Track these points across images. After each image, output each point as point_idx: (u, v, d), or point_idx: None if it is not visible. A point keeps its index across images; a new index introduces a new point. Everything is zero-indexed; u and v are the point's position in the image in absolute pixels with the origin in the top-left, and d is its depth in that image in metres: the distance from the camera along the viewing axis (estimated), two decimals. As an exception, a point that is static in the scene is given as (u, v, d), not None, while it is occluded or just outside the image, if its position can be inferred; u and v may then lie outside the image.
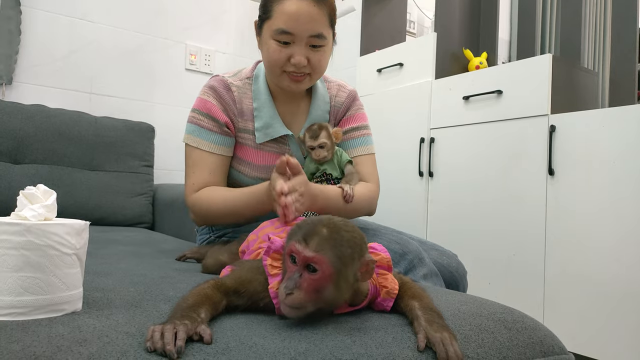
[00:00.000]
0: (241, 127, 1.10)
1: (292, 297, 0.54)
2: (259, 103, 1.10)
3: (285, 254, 0.58)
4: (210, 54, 2.59)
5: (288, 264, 0.57)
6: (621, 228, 1.46)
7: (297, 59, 1.00)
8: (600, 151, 1.53)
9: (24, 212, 0.55)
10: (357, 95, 1.21)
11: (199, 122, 1.08)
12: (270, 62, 1.03)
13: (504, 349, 0.63)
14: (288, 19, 0.97)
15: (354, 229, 0.59)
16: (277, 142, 1.11)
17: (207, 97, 1.09)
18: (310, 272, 0.55)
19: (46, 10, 2.13)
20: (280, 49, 1.00)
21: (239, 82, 1.11)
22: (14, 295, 0.53)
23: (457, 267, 1.15)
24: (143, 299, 0.67)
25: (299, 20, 0.97)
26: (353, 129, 1.16)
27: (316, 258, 0.55)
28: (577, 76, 1.88)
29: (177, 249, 1.34)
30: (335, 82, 1.20)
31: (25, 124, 1.85)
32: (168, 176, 2.40)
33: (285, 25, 0.97)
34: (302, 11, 0.97)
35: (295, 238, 0.57)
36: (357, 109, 1.19)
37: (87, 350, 0.47)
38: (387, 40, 2.54)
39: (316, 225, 0.57)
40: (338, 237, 0.56)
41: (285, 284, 0.55)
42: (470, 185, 1.90)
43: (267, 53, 1.03)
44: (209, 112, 1.08)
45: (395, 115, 2.21)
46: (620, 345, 1.44)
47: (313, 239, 0.56)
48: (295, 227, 0.60)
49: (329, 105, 1.17)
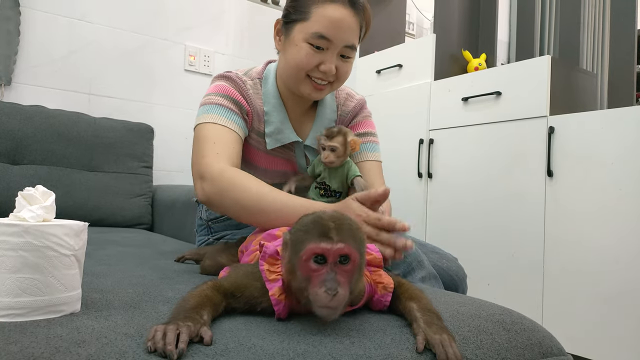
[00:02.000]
0: (255, 127, 1.06)
1: (337, 297, 0.53)
2: (270, 107, 1.06)
3: (300, 261, 0.55)
4: (209, 55, 2.59)
5: (311, 267, 0.54)
6: (620, 229, 1.46)
7: (327, 66, 0.97)
8: (598, 152, 1.53)
9: (23, 213, 0.55)
10: (365, 104, 1.19)
11: (217, 102, 0.99)
12: (298, 65, 0.98)
13: (503, 351, 0.63)
14: (329, 25, 0.94)
15: (350, 218, 0.60)
16: (285, 148, 1.09)
17: (225, 82, 1.03)
18: (342, 264, 0.54)
19: (45, 10, 2.13)
20: (313, 53, 0.96)
21: (250, 80, 1.07)
22: (12, 297, 0.52)
23: (457, 271, 1.14)
24: (142, 300, 0.67)
25: (340, 27, 0.94)
26: (359, 134, 1.14)
27: (347, 248, 0.54)
28: (576, 78, 1.88)
29: (176, 250, 1.34)
30: (344, 90, 1.18)
31: (24, 124, 1.84)
32: (167, 177, 2.40)
33: (326, 30, 0.94)
34: (345, 19, 0.94)
35: (313, 239, 0.54)
36: (364, 117, 1.17)
37: (85, 351, 0.47)
38: (386, 42, 2.55)
39: (324, 221, 0.56)
40: (348, 225, 0.57)
41: (325, 288, 0.53)
42: (470, 187, 1.90)
43: (296, 55, 0.97)
44: (228, 93, 1.01)
45: (394, 116, 2.22)
46: (619, 346, 1.44)
47: (335, 233, 0.55)
48: (299, 233, 0.57)
49: (336, 113, 1.15)
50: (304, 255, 0.54)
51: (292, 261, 0.56)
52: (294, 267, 0.56)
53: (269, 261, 0.61)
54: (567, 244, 1.58)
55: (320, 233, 0.55)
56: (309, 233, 0.55)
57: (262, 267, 0.61)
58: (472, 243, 1.86)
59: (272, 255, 0.61)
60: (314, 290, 0.54)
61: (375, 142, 1.17)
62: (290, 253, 0.57)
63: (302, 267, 0.55)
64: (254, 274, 0.62)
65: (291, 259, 0.56)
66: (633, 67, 2.15)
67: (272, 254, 0.61)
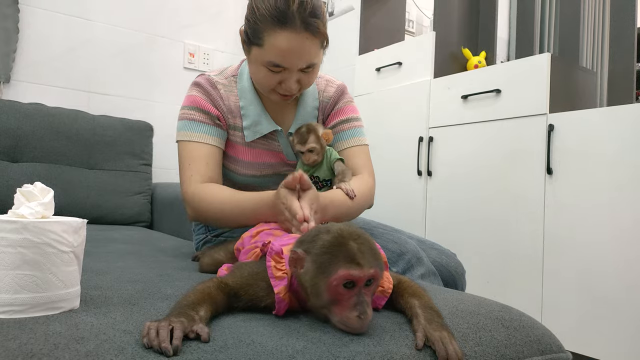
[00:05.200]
0: (231, 124, 1.09)
1: (368, 318, 0.56)
2: (245, 101, 1.09)
3: (328, 285, 0.55)
4: (208, 53, 2.59)
5: (339, 292, 0.55)
6: (619, 226, 1.46)
7: (288, 84, 0.98)
8: (598, 150, 1.53)
9: (21, 210, 0.55)
10: (346, 89, 1.19)
11: (189, 116, 1.06)
12: (259, 84, 1.02)
13: (502, 347, 0.63)
14: (282, 54, 0.94)
15: (363, 230, 0.60)
16: (267, 139, 1.11)
17: (195, 92, 1.08)
18: (367, 286, 0.57)
19: (44, 8, 2.12)
20: (271, 75, 0.98)
21: (224, 80, 1.10)
22: (11, 293, 0.52)
23: (456, 267, 1.15)
24: (141, 297, 0.67)
25: (292, 55, 0.94)
26: (342, 121, 1.15)
27: (375, 272, 0.56)
28: (576, 75, 1.88)
29: (175, 247, 1.34)
30: (324, 77, 1.19)
31: (23, 122, 1.84)
32: (166, 175, 2.40)
33: (279, 59, 0.94)
34: (295, 47, 0.93)
35: (342, 265, 0.55)
36: (346, 102, 1.17)
37: (84, 347, 0.47)
38: (386, 39, 2.54)
39: (346, 240, 0.56)
40: (369, 245, 0.58)
41: (357, 312, 0.55)
42: (469, 184, 1.90)
43: (256, 74, 1.01)
44: (198, 105, 1.06)
45: (394, 114, 2.21)
46: (618, 344, 1.44)
47: (361, 257, 0.55)
48: (324, 255, 0.56)
49: (318, 101, 1.16)
50: (334, 281, 0.55)
51: (316, 281, 0.56)
52: (318, 287, 0.56)
53: (274, 258, 0.62)
54: (566, 241, 1.58)
55: (348, 258, 0.55)
56: (336, 257, 0.56)
57: (269, 264, 0.61)
58: (472, 241, 1.86)
59: (278, 252, 0.62)
60: (345, 314, 0.56)
61: (359, 126, 1.17)
62: (315, 273, 0.56)
63: (330, 291, 0.56)
64: (258, 274, 0.62)
65: (315, 280, 0.56)
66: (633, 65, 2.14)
67: (278, 252, 0.62)
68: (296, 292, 0.61)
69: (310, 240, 0.58)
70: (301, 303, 0.62)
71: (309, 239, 0.59)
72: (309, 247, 0.58)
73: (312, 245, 0.58)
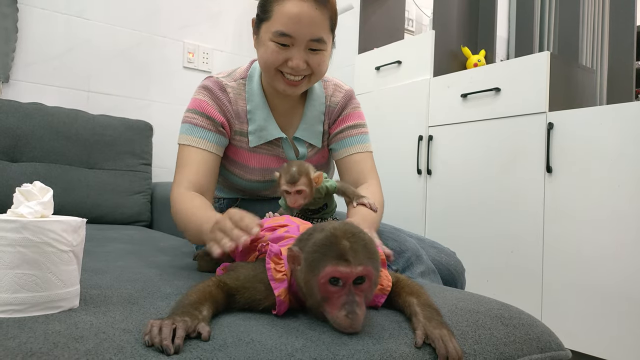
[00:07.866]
0: (237, 130, 1.09)
1: (358, 318, 0.54)
2: (253, 105, 1.08)
3: (317, 282, 0.55)
4: (208, 52, 2.59)
5: (329, 289, 0.55)
6: (619, 225, 1.46)
7: (295, 62, 0.97)
8: (598, 149, 1.53)
9: (21, 209, 0.55)
10: (353, 94, 1.20)
11: (193, 121, 1.06)
12: (266, 63, 1.00)
13: (501, 345, 0.63)
14: (288, 21, 0.94)
15: (362, 230, 0.59)
16: (271, 145, 1.11)
17: (202, 96, 1.07)
18: (357, 284, 0.55)
19: (43, 7, 2.12)
20: (278, 50, 0.97)
21: (233, 82, 1.09)
22: (10, 292, 0.53)
23: (456, 265, 1.15)
24: (140, 296, 0.67)
25: (300, 22, 0.94)
26: (349, 127, 1.15)
27: (364, 270, 0.55)
28: (575, 74, 1.88)
29: (175, 247, 1.34)
30: (332, 81, 1.19)
31: (23, 122, 1.84)
32: (166, 174, 2.40)
33: (285, 27, 0.95)
34: (304, 14, 0.94)
35: (330, 262, 0.54)
36: (353, 108, 1.18)
37: (83, 346, 0.47)
38: (386, 38, 2.54)
39: (339, 239, 0.55)
40: (362, 241, 0.56)
41: (345, 311, 0.54)
42: (469, 183, 1.90)
43: (264, 54, 0.99)
44: (204, 111, 1.05)
45: (394, 113, 2.21)
46: (617, 342, 1.44)
47: (351, 254, 0.54)
48: (315, 253, 0.56)
49: (324, 105, 1.16)
50: (322, 278, 0.54)
51: (308, 279, 0.56)
52: (310, 286, 0.56)
53: (273, 260, 0.62)
54: (566, 239, 1.59)
55: (337, 255, 0.54)
56: (325, 254, 0.55)
57: (268, 266, 0.61)
58: (471, 239, 1.86)
59: (277, 254, 0.62)
60: (334, 313, 0.55)
61: (365, 132, 1.18)
62: (306, 271, 0.56)
63: (319, 288, 0.55)
64: (256, 276, 0.62)
65: (307, 277, 0.56)
66: (632, 63, 2.14)
67: (277, 253, 0.62)
68: (295, 292, 0.61)
69: (306, 239, 0.58)
70: (300, 303, 0.62)
71: (305, 237, 0.59)
72: (303, 246, 0.58)
73: (306, 244, 0.58)
